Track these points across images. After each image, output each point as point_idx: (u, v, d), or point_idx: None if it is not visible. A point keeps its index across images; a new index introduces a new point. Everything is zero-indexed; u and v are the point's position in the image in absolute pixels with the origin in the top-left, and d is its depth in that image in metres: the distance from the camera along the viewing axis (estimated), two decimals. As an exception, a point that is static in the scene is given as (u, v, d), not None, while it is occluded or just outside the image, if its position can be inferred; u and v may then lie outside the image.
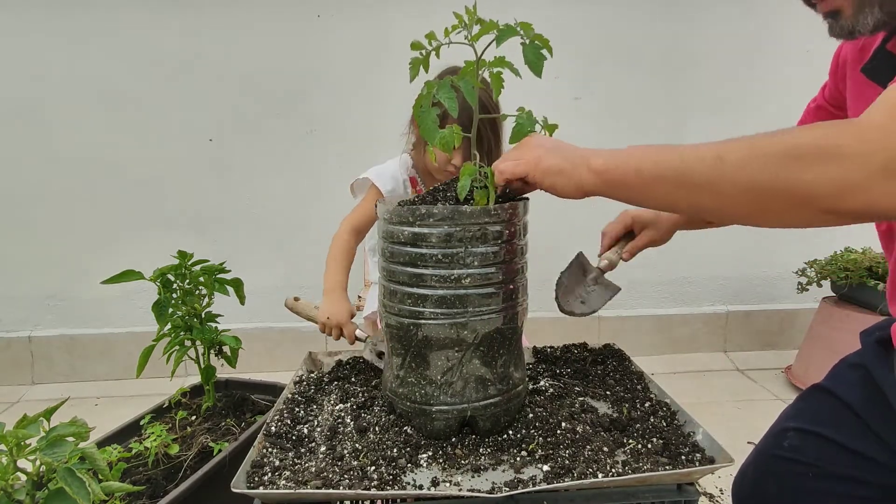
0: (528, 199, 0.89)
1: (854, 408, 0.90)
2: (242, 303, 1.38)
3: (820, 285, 2.60)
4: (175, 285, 1.29)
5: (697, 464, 0.75)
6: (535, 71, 0.78)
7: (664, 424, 0.88)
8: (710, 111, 2.90)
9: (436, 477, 0.75)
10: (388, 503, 0.79)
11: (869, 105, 0.92)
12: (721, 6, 2.81)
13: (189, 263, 1.30)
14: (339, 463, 0.77)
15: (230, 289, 1.35)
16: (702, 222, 1.24)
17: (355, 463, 0.76)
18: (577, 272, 1.13)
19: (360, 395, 0.97)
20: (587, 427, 0.85)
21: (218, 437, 1.23)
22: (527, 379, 0.93)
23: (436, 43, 0.81)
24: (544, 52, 0.78)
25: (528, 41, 0.78)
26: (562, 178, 0.78)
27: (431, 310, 0.79)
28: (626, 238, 1.21)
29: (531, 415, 0.89)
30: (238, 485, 0.72)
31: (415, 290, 0.80)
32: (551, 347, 1.20)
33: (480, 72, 0.81)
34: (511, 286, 0.83)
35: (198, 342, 1.31)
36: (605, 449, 0.80)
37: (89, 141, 2.67)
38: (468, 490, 0.71)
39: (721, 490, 1.70)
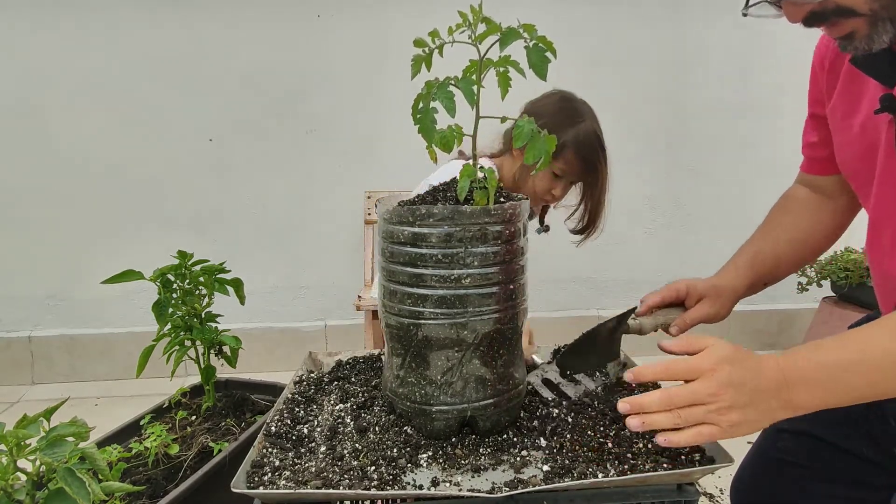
0: (527, 198, 0.89)
1: (847, 408, 0.90)
2: (242, 303, 1.38)
3: (820, 285, 2.60)
4: (175, 285, 1.29)
5: (697, 464, 0.75)
6: (540, 74, 0.77)
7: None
8: (710, 112, 2.90)
9: (436, 477, 0.75)
10: (388, 503, 0.79)
11: (855, 100, 0.90)
12: (721, 7, 2.81)
13: (189, 263, 1.30)
14: (339, 463, 0.77)
15: (230, 289, 1.35)
16: (763, 287, 1.13)
17: (355, 463, 0.76)
18: (611, 325, 1.03)
19: (360, 395, 0.97)
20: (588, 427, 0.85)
21: (218, 437, 1.23)
22: (527, 379, 0.93)
23: (439, 41, 0.81)
24: (548, 54, 0.78)
25: (531, 44, 0.77)
26: (759, 429, 0.74)
27: (431, 310, 0.79)
28: (676, 308, 1.08)
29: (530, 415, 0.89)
30: (238, 485, 0.72)
31: (415, 290, 0.80)
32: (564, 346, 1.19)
33: (485, 72, 0.81)
34: (511, 286, 0.82)
35: (198, 342, 1.31)
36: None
37: (89, 141, 2.68)
38: (468, 490, 0.71)
39: (721, 490, 1.70)
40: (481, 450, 0.81)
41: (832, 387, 0.71)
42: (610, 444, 0.80)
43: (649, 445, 0.81)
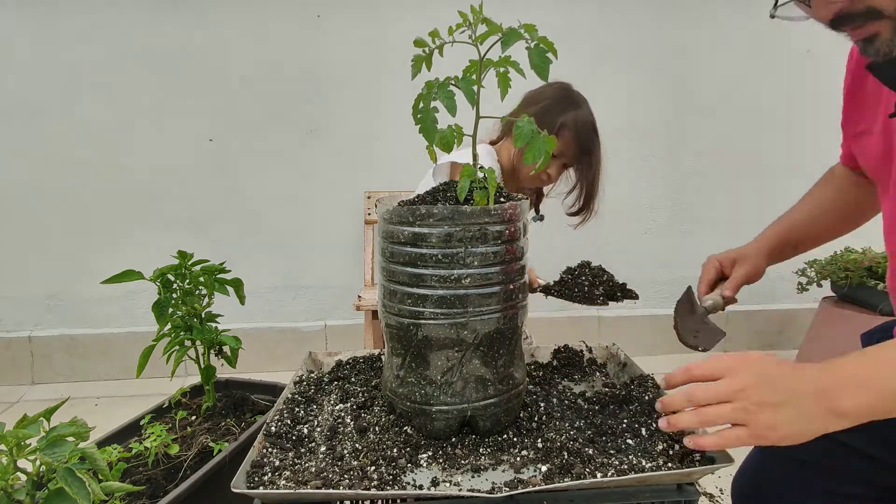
0: (527, 198, 0.89)
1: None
2: (242, 303, 1.38)
3: (820, 285, 2.60)
4: (175, 285, 1.29)
5: (697, 464, 0.75)
6: (541, 75, 0.77)
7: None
8: (710, 112, 2.90)
9: (436, 477, 0.75)
10: (388, 503, 0.79)
11: (870, 109, 0.91)
12: (721, 8, 2.81)
13: (189, 263, 1.30)
14: (339, 463, 0.77)
15: (230, 289, 1.35)
16: (795, 252, 1.18)
17: (355, 463, 0.76)
18: (686, 306, 1.11)
19: (360, 395, 0.97)
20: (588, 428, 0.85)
21: (218, 437, 1.23)
22: (527, 379, 0.93)
23: (439, 41, 0.81)
24: (549, 55, 0.78)
25: (533, 44, 0.77)
26: (801, 438, 0.65)
27: (431, 310, 0.79)
28: (719, 281, 1.16)
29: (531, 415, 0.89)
30: (238, 485, 0.72)
31: (415, 290, 0.80)
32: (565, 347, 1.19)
33: (485, 72, 0.81)
34: (511, 286, 0.82)
35: (198, 342, 1.31)
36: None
37: (89, 141, 2.68)
38: (468, 490, 0.71)
39: (721, 490, 1.70)
40: (481, 450, 0.81)
41: (880, 386, 0.64)
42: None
43: (670, 450, 0.81)
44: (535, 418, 0.89)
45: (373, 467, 0.75)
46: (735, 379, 0.66)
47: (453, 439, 0.83)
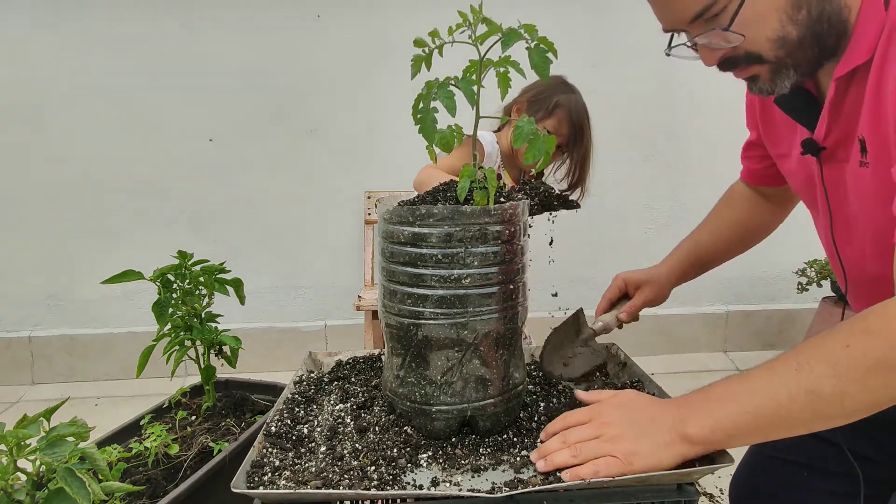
0: (527, 199, 0.89)
1: None
2: (242, 303, 1.38)
3: (820, 285, 2.60)
4: (175, 285, 1.29)
5: (697, 464, 0.75)
6: (541, 74, 0.78)
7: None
8: (710, 111, 2.90)
9: (436, 477, 0.75)
10: (387, 503, 0.79)
11: (785, 135, 0.96)
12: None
13: (189, 263, 1.30)
14: (339, 463, 0.77)
15: (230, 289, 1.35)
16: (702, 271, 1.24)
17: (355, 463, 0.76)
18: (570, 330, 1.12)
19: (360, 395, 0.97)
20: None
21: (218, 437, 1.23)
22: (527, 379, 0.93)
23: (439, 41, 0.81)
24: (549, 55, 0.78)
25: (533, 44, 0.77)
26: (662, 463, 0.71)
27: (431, 310, 0.79)
28: (622, 300, 1.19)
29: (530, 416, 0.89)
30: (238, 485, 0.72)
31: (415, 290, 0.80)
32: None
33: (485, 72, 0.81)
34: (511, 286, 0.83)
35: (198, 342, 1.31)
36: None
37: (89, 141, 2.68)
38: (468, 490, 0.71)
39: (721, 490, 1.70)
40: (481, 450, 0.81)
41: (717, 416, 0.70)
42: None
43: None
44: (535, 418, 0.89)
45: (373, 467, 0.75)
46: (602, 418, 0.75)
47: (453, 439, 0.83)
